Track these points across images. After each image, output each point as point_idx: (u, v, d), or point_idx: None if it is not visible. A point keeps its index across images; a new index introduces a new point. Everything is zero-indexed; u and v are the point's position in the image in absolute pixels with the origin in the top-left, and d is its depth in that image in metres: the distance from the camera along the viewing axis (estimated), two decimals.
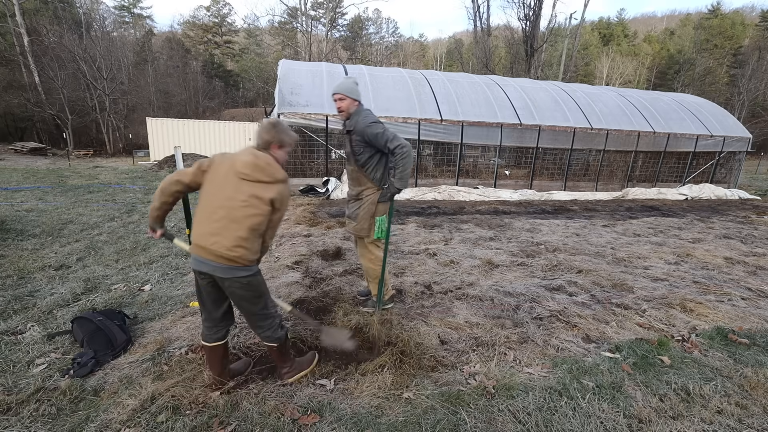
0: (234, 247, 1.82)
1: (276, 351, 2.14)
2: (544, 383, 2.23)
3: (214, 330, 2.05)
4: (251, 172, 1.86)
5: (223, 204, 1.84)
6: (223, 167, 1.89)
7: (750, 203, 10.43)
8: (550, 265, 4.42)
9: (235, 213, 1.83)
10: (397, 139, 2.62)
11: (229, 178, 1.86)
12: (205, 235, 1.84)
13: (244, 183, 1.85)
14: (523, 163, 10.87)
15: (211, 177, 1.90)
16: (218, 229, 1.83)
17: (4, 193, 8.07)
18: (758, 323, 3.10)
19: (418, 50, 55.50)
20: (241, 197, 1.83)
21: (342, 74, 10.32)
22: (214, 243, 1.82)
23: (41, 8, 27.17)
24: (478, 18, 26.15)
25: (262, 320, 2.04)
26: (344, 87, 2.71)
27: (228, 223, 1.83)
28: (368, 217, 2.86)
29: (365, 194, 2.87)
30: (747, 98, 31.82)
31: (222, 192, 1.85)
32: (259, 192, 1.86)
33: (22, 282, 3.52)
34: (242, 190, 1.85)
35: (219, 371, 2.10)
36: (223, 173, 1.88)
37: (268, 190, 1.88)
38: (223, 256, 1.82)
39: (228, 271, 1.85)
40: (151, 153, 18.13)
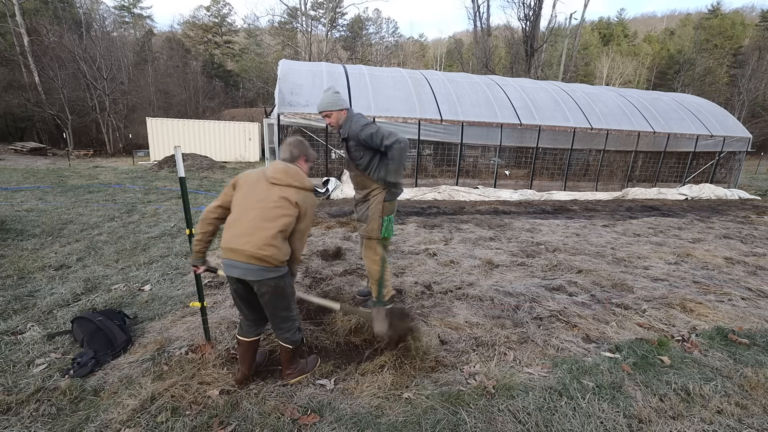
0: (265, 246, 1.90)
1: (289, 353, 2.19)
2: (544, 383, 2.23)
3: (254, 327, 2.17)
4: (283, 177, 2.01)
5: (255, 206, 1.96)
6: (252, 178, 2.04)
7: (750, 203, 10.43)
8: (550, 265, 4.42)
9: (268, 213, 1.94)
10: (393, 135, 2.62)
11: (261, 184, 2.01)
12: (237, 236, 1.93)
13: (275, 187, 1.99)
14: (523, 163, 10.87)
15: (241, 187, 2.03)
16: (250, 229, 1.92)
17: (4, 193, 8.07)
18: (758, 323, 3.10)
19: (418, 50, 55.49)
20: (273, 198, 1.97)
21: (342, 74, 10.32)
22: (246, 243, 1.90)
23: (41, 8, 27.16)
24: (478, 18, 26.16)
25: (284, 322, 2.12)
26: (326, 103, 2.71)
27: (260, 223, 1.93)
28: (377, 216, 2.87)
29: (372, 195, 2.88)
30: (747, 98, 31.81)
31: (253, 196, 1.98)
32: (288, 195, 1.99)
33: (22, 282, 3.52)
34: (273, 192, 1.98)
35: (249, 365, 2.20)
36: (254, 182, 2.02)
37: (296, 194, 2.01)
38: (254, 255, 1.89)
39: (259, 273, 1.92)
40: (151, 153, 18.12)
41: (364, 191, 2.91)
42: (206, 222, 2.08)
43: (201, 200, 7.94)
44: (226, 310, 3.09)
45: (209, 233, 2.11)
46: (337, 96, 2.71)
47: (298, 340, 2.19)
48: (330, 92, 2.72)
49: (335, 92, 2.72)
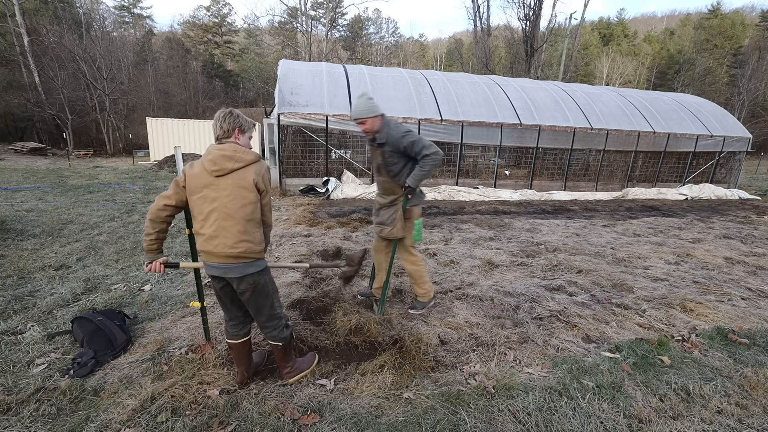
0: (237, 243, 1.86)
1: (280, 350, 2.17)
2: (544, 383, 2.23)
3: (239, 327, 2.13)
4: (222, 164, 1.85)
5: (211, 207, 1.86)
6: (197, 175, 1.88)
7: (750, 203, 10.43)
8: (550, 265, 4.42)
9: (226, 210, 1.85)
10: (432, 147, 2.65)
11: (206, 181, 1.86)
12: (207, 240, 1.88)
13: (220, 179, 1.86)
14: (523, 163, 10.87)
15: (191, 188, 1.89)
16: (216, 231, 1.86)
17: (4, 193, 8.07)
18: (758, 323, 3.10)
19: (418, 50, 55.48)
20: (225, 193, 1.85)
21: (342, 74, 10.32)
22: (217, 245, 1.86)
23: (41, 8, 27.15)
24: (478, 18, 26.17)
25: (269, 320, 2.10)
26: (360, 110, 2.66)
27: (223, 222, 1.85)
28: (403, 219, 2.91)
29: (400, 200, 2.90)
30: (747, 98, 31.81)
31: (207, 197, 1.87)
32: (239, 181, 1.86)
33: (22, 282, 3.52)
34: (222, 186, 1.85)
35: (246, 366, 2.18)
36: (199, 180, 1.87)
37: (245, 174, 1.88)
38: (229, 255, 1.86)
39: (239, 269, 1.90)
40: (151, 153, 18.13)
41: (390, 197, 2.92)
42: (158, 222, 1.93)
43: None
44: None
45: (162, 231, 1.97)
46: (371, 103, 2.68)
47: (287, 337, 2.16)
48: (363, 99, 2.68)
49: (369, 99, 2.67)
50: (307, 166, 10.03)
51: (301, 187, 9.33)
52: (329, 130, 9.28)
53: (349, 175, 9.67)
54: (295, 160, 10.01)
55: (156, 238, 1.97)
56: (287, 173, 9.63)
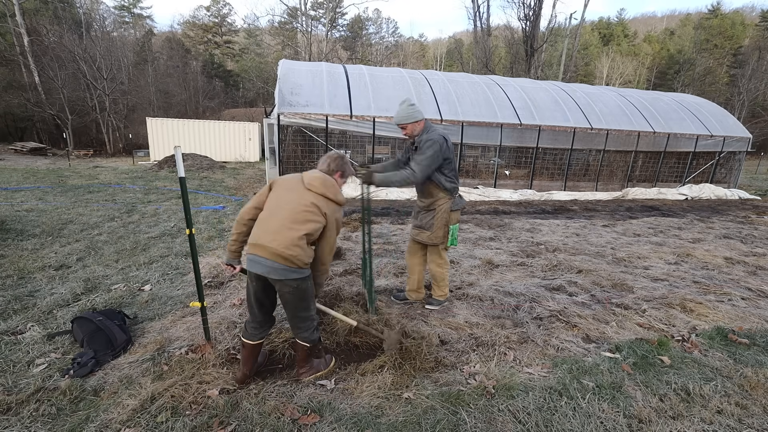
0: (291, 246, 1.93)
1: (305, 351, 2.21)
2: (544, 383, 2.23)
3: (259, 330, 2.19)
4: (319, 186, 2.07)
5: (286, 206, 2.01)
6: (289, 181, 2.12)
7: (750, 203, 10.43)
8: (550, 265, 4.42)
9: (296, 215, 1.99)
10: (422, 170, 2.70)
11: (296, 188, 2.07)
12: (265, 233, 1.98)
13: (309, 192, 2.05)
14: (523, 163, 10.87)
15: (277, 189, 2.10)
16: (278, 227, 1.97)
17: (4, 193, 8.07)
18: (758, 323, 3.10)
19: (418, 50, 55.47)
20: (305, 202, 2.02)
21: (342, 74, 10.32)
22: (272, 240, 1.94)
23: (41, 8, 27.14)
24: (478, 18, 26.16)
25: (302, 321, 2.14)
26: (401, 117, 2.76)
27: (289, 223, 1.97)
28: (443, 225, 2.96)
29: (438, 204, 2.94)
30: (747, 98, 31.78)
31: (286, 197, 2.04)
32: (319, 203, 2.04)
33: (22, 282, 3.52)
34: (306, 197, 2.04)
35: (250, 367, 2.22)
36: (289, 185, 2.09)
37: (326, 205, 2.07)
38: (279, 254, 1.93)
39: (282, 272, 1.96)
40: (151, 153, 18.11)
41: (429, 200, 2.97)
42: (241, 223, 2.12)
43: (201, 200, 7.94)
44: (226, 310, 3.09)
45: (244, 234, 2.14)
46: (412, 109, 2.76)
47: (316, 339, 2.21)
48: (405, 105, 2.78)
49: (411, 105, 2.77)
50: (307, 166, 10.01)
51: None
52: (329, 130, 9.28)
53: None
54: (295, 160, 10.01)
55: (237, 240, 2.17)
56: (287, 173, 9.61)
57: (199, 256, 2.95)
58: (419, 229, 3.07)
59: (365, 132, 9.50)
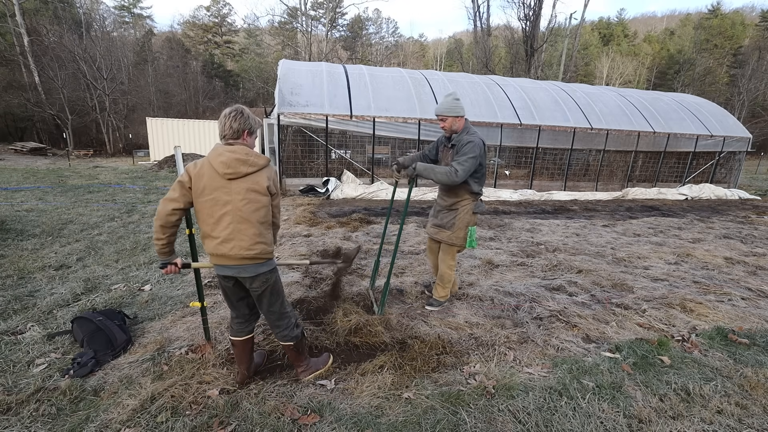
0: (253, 245, 1.88)
1: (293, 350, 2.19)
2: (544, 383, 2.23)
3: (244, 324, 2.14)
4: (236, 168, 1.81)
5: (224, 210, 1.83)
6: (204, 176, 1.82)
7: (750, 203, 10.43)
8: (550, 265, 4.42)
9: (241, 213, 1.84)
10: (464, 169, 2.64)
11: (218, 183, 1.81)
12: (221, 244, 1.86)
13: (233, 182, 1.82)
14: (523, 163, 10.87)
15: (197, 190, 1.83)
16: (231, 234, 1.85)
17: (4, 193, 8.07)
18: (758, 323, 3.10)
19: (418, 50, 55.46)
20: (239, 197, 1.83)
21: (342, 74, 10.32)
22: (233, 248, 1.86)
23: (41, 8, 27.13)
24: (478, 18, 26.17)
25: (280, 319, 2.11)
26: (444, 108, 2.73)
27: (238, 226, 1.85)
28: (464, 226, 2.94)
29: (461, 204, 2.93)
30: (747, 98, 31.78)
31: (218, 199, 1.82)
32: (253, 185, 1.85)
33: (22, 282, 3.52)
34: (235, 189, 1.82)
35: (247, 365, 2.19)
36: (208, 181, 1.81)
37: (259, 179, 1.86)
38: (245, 257, 1.87)
39: (253, 269, 1.92)
40: (151, 153, 18.12)
41: (453, 199, 2.95)
42: (168, 227, 1.86)
43: None
44: (226, 310, 3.08)
45: (173, 234, 1.92)
46: (456, 103, 2.72)
47: (298, 335, 2.17)
48: (450, 98, 2.75)
49: (455, 99, 2.75)
50: (307, 166, 10.03)
51: (301, 187, 9.33)
52: (329, 130, 9.28)
53: (349, 175, 9.67)
54: (295, 160, 10.00)
55: (167, 242, 1.92)
56: (287, 173, 9.63)
57: (199, 256, 2.94)
58: (438, 228, 3.05)
59: (365, 132, 9.50)
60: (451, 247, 3.04)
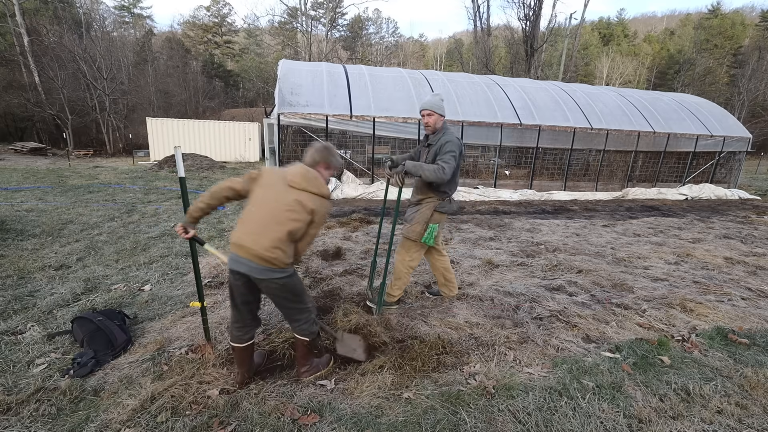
0: (272, 248, 1.90)
1: (306, 346, 2.20)
2: (544, 383, 2.23)
3: (245, 331, 2.14)
4: (300, 181, 1.99)
5: (269, 205, 1.96)
6: (272, 176, 2.04)
7: (750, 203, 10.43)
8: (550, 265, 4.42)
9: (279, 215, 1.94)
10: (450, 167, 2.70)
11: (278, 185, 2.00)
12: (247, 233, 1.94)
13: (291, 190, 1.98)
14: (523, 163, 10.87)
15: (260, 184, 2.03)
16: (260, 228, 1.93)
17: (4, 193, 8.07)
18: (758, 323, 3.10)
19: (418, 50, 55.46)
20: (287, 201, 1.96)
21: (342, 74, 10.32)
22: (254, 242, 1.90)
23: (41, 8, 27.14)
24: (478, 18, 26.15)
25: (298, 314, 2.13)
26: (431, 103, 2.84)
27: (270, 224, 1.93)
28: (423, 221, 2.98)
29: (426, 201, 3.00)
30: (747, 98, 31.74)
31: (270, 195, 1.98)
32: (304, 200, 1.97)
33: (22, 282, 3.52)
34: (289, 195, 1.97)
35: (248, 368, 2.20)
36: (273, 181, 2.02)
37: (311, 200, 1.99)
38: (261, 256, 1.90)
39: (264, 272, 1.93)
40: (151, 153, 18.11)
41: (419, 196, 3.03)
42: (215, 197, 2.07)
43: None
44: (226, 310, 3.08)
45: (213, 206, 2.11)
46: (441, 102, 2.87)
47: (315, 332, 2.19)
48: (437, 97, 2.88)
49: (441, 98, 2.89)
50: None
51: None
52: (329, 130, 9.27)
53: (349, 175, 9.67)
54: (295, 160, 9.94)
55: (203, 207, 2.09)
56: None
57: (199, 256, 2.94)
58: (405, 223, 3.10)
59: (365, 132, 9.50)
60: (406, 240, 3.07)
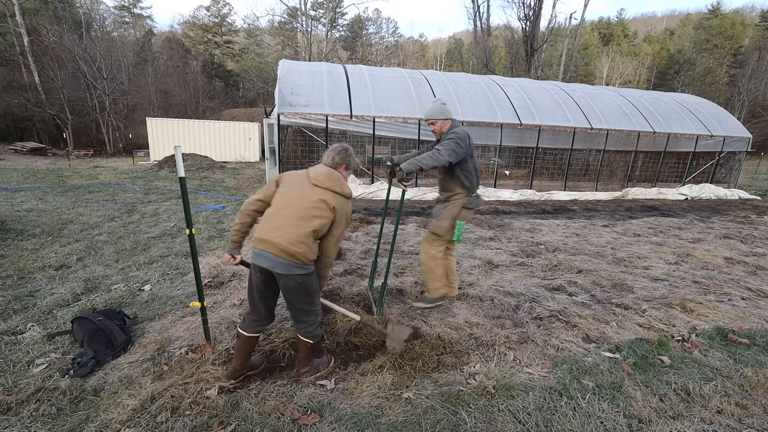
0: (297, 243, 1.95)
1: (309, 348, 2.21)
2: (544, 383, 2.23)
3: (257, 324, 2.19)
4: (324, 180, 2.08)
5: (293, 203, 2.03)
6: (295, 177, 2.12)
7: (750, 203, 10.43)
8: (550, 265, 4.42)
9: (304, 212, 2.00)
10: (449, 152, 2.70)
11: (303, 184, 2.08)
12: (272, 229, 1.99)
13: (316, 188, 2.06)
14: (523, 163, 10.87)
15: (284, 185, 2.11)
16: (285, 224, 1.98)
17: (4, 193, 8.06)
18: (758, 323, 3.10)
19: (418, 50, 55.45)
20: (312, 198, 2.03)
21: (342, 74, 10.32)
22: (279, 237, 1.94)
23: (41, 8, 27.14)
24: (478, 18, 26.15)
25: (306, 315, 2.15)
26: (432, 112, 2.87)
27: (295, 220, 1.98)
28: (450, 217, 3.00)
29: (454, 198, 3.02)
30: (747, 98, 31.73)
31: (294, 194, 2.05)
32: (327, 198, 2.05)
33: (22, 282, 3.52)
34: (313, 193, 2.04)
35: (243, 361, 2.20)
36: (296, 182, 2.10)
37: (334, 199, 2.07)
38: (285, 250, 1.94)
39: (287, 267, 1.97)
40: (151, 153, 18.10)
41: (447, 193, 3.06)
42: (245, 213, 2.14)
43: (201, 200, 7.94)
44: (226, 310, 3.09)
45: (247, 224, 2.17)
46: (443, 107, 2.87)
47: (319, 335, 2.21)
48: (438, 103, 2.89)
49: (442, 103, 2.90)
50: (307, 166, 9.99)
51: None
52: (329, 130, 9.27)
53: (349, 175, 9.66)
54: (295, 160, 10.00)
55: (240, 230, 2.18)
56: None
57: (199, 256, 2.95)
58: (431, 218, 3.15)
59: (365, 132, 9.50)
60: (431, 234, 3.10)
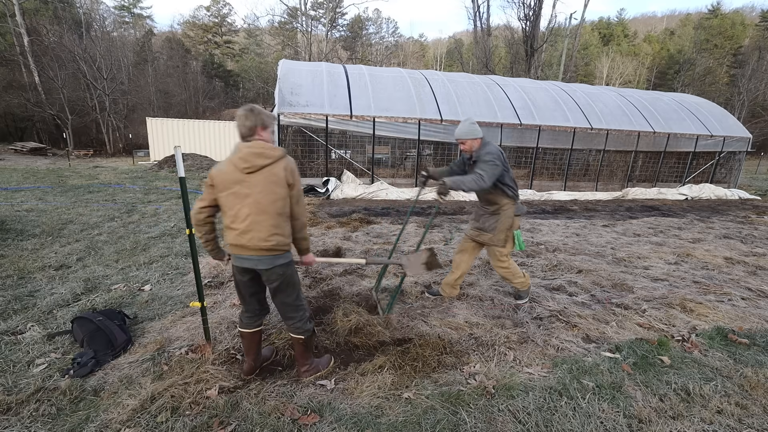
0: (270, 237, 1.93)
1: (302, 344, 2.22)
2: (544, 383, 2.22)
3: (254, 319, 2.21)
4: (253, 162, 1.89)
5: (244, 203, 1.92)
6: (226, 173, 1.93)
7: (750, 203, 10.43)
8: (550, 265, 4.42)
9: (259, 206, 1.91)
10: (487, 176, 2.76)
11: (237, 178, 1.92)
12: (240, 235, 1.94)
13: (252, 176, 1.90)
14: (523, 163, 10.87)
15: (219, 186, 1.95)
16: (249, 225, 1.92)
17: (4, 193, 8.06)
18: (758, 323, 3.10)
19: (418, 50, 55.45)
20: (257, 189, 1.90)
21: (342, 74, 10.32)
22: (251, 239, 1.92)
23: (41, 8, 27.14)
24: (478, 18, 26.13)
25: (293, 311, 2.16)
26: (462, 132, 2.94)
27: (256, 217, 1.92)
28: (505, 229, 3.07)
29: (503, 209, 3.06)
30: (747, 98, 31.74)
31: (238, 193, 1.93)
32: (270, 177, 1.92)
33: (22, 282, 3.52)
34: (254, 182, 1.91)
35: (254, 356, 2.24)
36: (230, 178, 1.93)
37: (276, 170, 1.93)
38: (262, 248, 1.93)
39: (269, 261, 1.97)
40: (151, 153, 18.12)
41: (494, 206, 3.10)
42: (200, 225, 2.05)
43: None
44: (226, 310, 3.09)
45: (209, 231, 2.10)
46: (473, 126, 2.93)
47: (310, 330, 2.22)
48: (467, 123, 2.95)
49: (472, 123, 2.95)
50: (307, 166, 10.02)
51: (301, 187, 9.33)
52: (329, 130, 9.28)
53: (349, 175, 9.67)
54: (295, 160, 9.98)
55: (205, 239, 2.11)
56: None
57: (199, 256, 2.94)
58: (480, 231, 3.18)
59: (365, 132, 9.50)
60: (494, 248, 3.17)
